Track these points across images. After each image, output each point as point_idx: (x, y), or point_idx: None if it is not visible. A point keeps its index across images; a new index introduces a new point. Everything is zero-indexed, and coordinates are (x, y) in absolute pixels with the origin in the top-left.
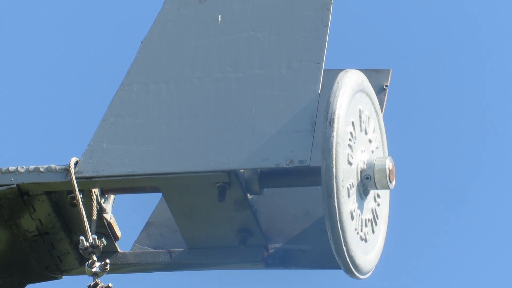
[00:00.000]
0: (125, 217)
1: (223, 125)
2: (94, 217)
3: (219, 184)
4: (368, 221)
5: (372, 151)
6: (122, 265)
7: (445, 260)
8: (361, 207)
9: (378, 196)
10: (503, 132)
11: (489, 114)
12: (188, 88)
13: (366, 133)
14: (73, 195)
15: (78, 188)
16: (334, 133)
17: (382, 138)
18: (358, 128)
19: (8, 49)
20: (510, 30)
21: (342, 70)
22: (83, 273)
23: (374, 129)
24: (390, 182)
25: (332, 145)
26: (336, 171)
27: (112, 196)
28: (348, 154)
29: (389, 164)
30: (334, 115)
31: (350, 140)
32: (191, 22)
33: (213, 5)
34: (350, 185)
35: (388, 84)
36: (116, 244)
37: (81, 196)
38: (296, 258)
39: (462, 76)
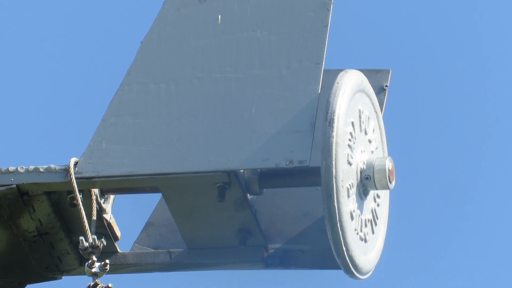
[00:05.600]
0: (125, 217)
1: (223, 125)
2: (94, 218)
3: (219, 184)
4: (368, 221)
5: (372, 152)
6: (121, 266)
7: (444, 260)
8: (360, 207)
9: (378, 196)
10: (503, 132)
11: (489, 114)
12: (187, 88)
13: (366, 134)
14: (73, 195)
15: (78, 188)
16: (334, 133)
17: (381, 139)
18: (357, 128)
19: (8, 49)
20: (511, 30)
21: (342, 70)
22: (83, 273)
23: (373, 130)
24: (390, 182)
25: (331, 145)
26: (335, 171)
27: (112, 197)
28: (347, 154)
29: (388, 164)
30: (334, 115)
31: (349, 140)
32: (190, 22)
33: (212, 5)
34: (349, 185)
35: (387, 84)
36: (116, 244)
37: (80, 196)
38: (295, 258)
39: (462, 76)
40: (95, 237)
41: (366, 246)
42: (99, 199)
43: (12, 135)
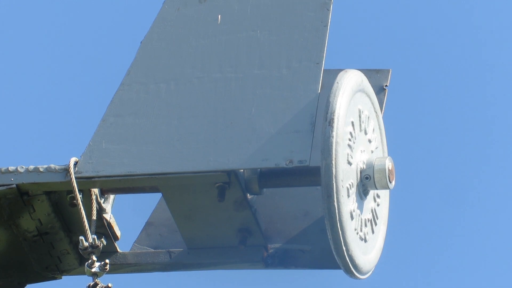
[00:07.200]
0: (125, 217)
1: (223, 125)
2: (94, 217)
3: (218, 184)
4: (368, 221)
5: (372, 151)
6: (121, 265)
7: (444, 260)
8: (360, 207)
9: (378, 196)
10: (503, 131)
11: (489, 114)
12: (187, 88)
13: (365, 133)
14: (72, 195)
15: (77, 188)
16: (334, 133)
17: (381, 138)
18: (357, 128)
19: (8, 49)
20: (510, 30)
21: (341, 70)
22: (83, 273)
23: (373, 129)
24: (390, 182)
25: (331, 145)
26: (335, 171)
27: (111, 196)
28: (347, 154)
29: (388, 164)
30: (333, 115)
31: (349, 140)
32: (190, 22)
33: (213, 5)
34: (349, 185)
35: (387, 84)
36: (115, 244)
37: (80, 196)
38: (295, 258)
39: (462, 76)
40: (95, 237)
41: (366, 246)
42: (99, 199)
43: (12, 135)
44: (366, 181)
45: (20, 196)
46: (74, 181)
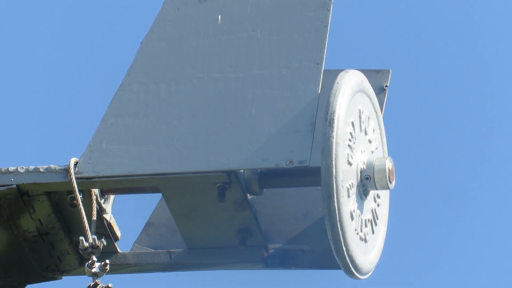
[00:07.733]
0: (125, 217)
1: (223, 125)
2: (94, 218)
3: (219, 184)
4: (368, 221)
5: (372, 152)
6: (122, 266)
7: (444, 260)
8: (361, 207)
9: (378, 196)
10: (503, 131)
11: (489, 113)
12: (187, 88)
13: (366, 134)
14: (73, 195)
15: (78, 188)
16: (334, 134)
17: (381, 139)
18: (358, 129)
19: (8, 49)
20: (510, 30)
21: (342, 70)
22: (83, 273)
23: (374, 130)
24: (390, 182)
25: (332, 146)
26: (336, 171)
27: (112, 197)
28: (348, 155)
29: (388, 164)
30: (334, 116)
31: (350, 140)
32: (191, 22)
33: (213, 5)
34: (350, 185)
35: (388, 85)
36: (116, 245)
37: (81, 196)
38: (296, 259)
39: (462, 76)
40: (95, 237)
41: (366, 246)
42: (99, 199)
43: (12, 135)
44: (366, 182)
45: (20, 196)
46: (74, 181)
